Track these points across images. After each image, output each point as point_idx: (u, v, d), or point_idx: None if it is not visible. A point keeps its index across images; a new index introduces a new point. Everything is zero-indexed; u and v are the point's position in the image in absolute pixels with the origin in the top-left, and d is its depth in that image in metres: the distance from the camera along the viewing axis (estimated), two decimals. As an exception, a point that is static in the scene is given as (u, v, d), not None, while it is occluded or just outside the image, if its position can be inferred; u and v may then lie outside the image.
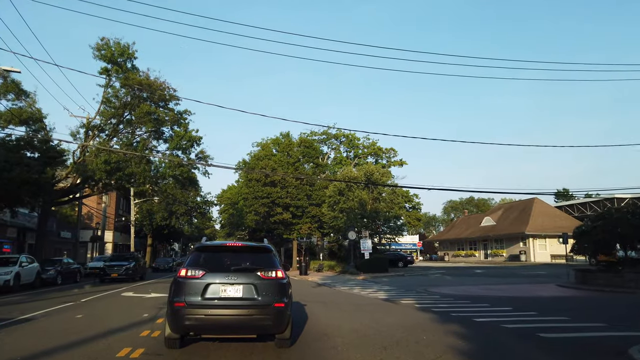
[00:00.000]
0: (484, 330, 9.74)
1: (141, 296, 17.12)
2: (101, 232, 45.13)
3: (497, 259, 54.46)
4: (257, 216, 42.78)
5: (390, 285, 23.75)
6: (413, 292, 20.06)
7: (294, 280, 30.89)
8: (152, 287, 22.43)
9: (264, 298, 6.86)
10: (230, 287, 6.87)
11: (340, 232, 39.82)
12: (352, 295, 18.57)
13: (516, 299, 16.93)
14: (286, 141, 44.59)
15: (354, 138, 58.53)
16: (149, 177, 26.20)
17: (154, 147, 28.18)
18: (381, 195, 37.39)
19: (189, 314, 6.68)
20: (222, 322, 6.82)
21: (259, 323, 6.87)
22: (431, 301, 15.83)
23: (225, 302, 6.78)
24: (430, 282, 25.77)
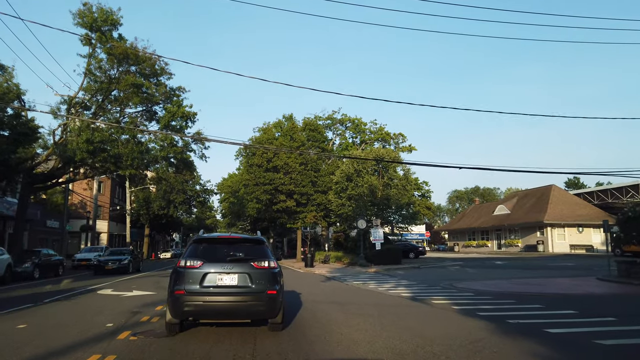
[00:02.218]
0: (575, 350, 6.95)
1: (119, 295, 14.37)
2: (93, 221, 42.43)
3: (511, 249, 51.71)
4: (259, 204, 40.00)
5: (408, 280, 20.99)
6: (438, 287, 17.37)
7: (300, 274, 28.25)
8: (140, 282, 19.71)
9: (258, 286, 7.38)
10: (226, 276, 7.37)
11: (348, 221, 37.03)
12: (369, 293, 15.81)
13: (568, 297, 14.20)
14: (289, 124, 41.68)
15: (361, 123, 55.55)
16: (138, 159, 23.36)
17: (144, 125, 25.28)
18: (392, 180, 34.53)
19: (188, 301, 7.17)
20: (219, 308, 7.32)
21: (253, 309, 7.41)
22: (468, 301, 13.08)
23: (222, 289, 7.27)
24: (452, 276, 23.01)
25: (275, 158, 37.48)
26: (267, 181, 37.39)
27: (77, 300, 13.13)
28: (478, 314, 10.48)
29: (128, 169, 23.72)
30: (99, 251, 33.66)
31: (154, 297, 13.52)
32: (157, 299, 12.86)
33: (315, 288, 17.64)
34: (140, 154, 24.05)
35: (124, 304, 12.03)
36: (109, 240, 55.24)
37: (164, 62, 27.24)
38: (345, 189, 34.99)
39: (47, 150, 25.32)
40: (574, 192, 58.95)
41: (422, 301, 13.13)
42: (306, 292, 15.55)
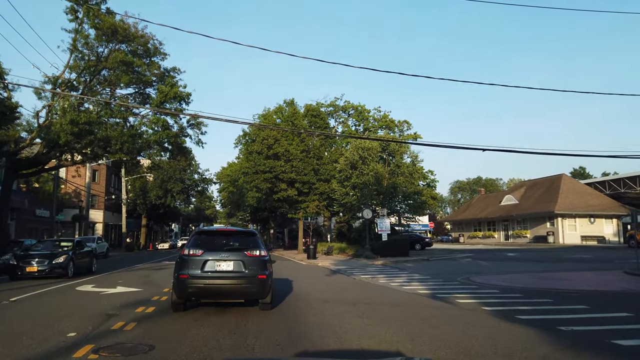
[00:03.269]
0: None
1: (100, 292, 12.67)
2: (86, 210, 40.78)
3: (519, 240, 50.11)
4: (259, 193, 38.31)
5: (420, 274, 19.34)
6: (456, 283, 15.75)
7: (302, 266, 26.60)
8: (128, 276, 18.03)
9: (250, 271, 8.72)
10: (223, 263, 8.70)
11: (352, 211, 35.34)
12: (382, 290, 14.16)
13: (606, 295, 12.73)
14: (291, 110, 39.80)
15: (364, 110, 53.61)
16: (128, 142, 21.59)
17: (135, 107, 23.45)
18: (399, 168, 32.77)
19: (191, 283, 8.53)
20: (217, 290, 8.71)
21: (246, 290, 8.82)
22: (497, 300, 11.46)
23: (219, 274, 8.64)
24: (467, 269, 21.36)
25: (275, 145, 35.71)
26: (268, 169, 35.64)
27: (47, 299, 11.46)
28: (518, 317, 8.83)
29: (118, 154, 21.98)
30: (91, 242, 32.04)
31: (138, 295, 11.86)
32: (141, 298, 11.20)
33: (321, 283, 16.00)
34: (131, 137, 22.28)
35: (101, 303, 10.36)
36: (104, 230, 53.62)
37: (158, 41, 25.42)
38: (349, 177, 33.27)
39: (31, 133, 23.55)
40: (587, 181, 57.23)
41: (444, 300, 11.49)
42: (312, 289, 13.91)
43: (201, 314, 8.94)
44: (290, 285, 15.09)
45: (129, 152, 22.88)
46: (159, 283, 14.83)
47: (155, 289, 13.18)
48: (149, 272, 19.46)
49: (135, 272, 20.03)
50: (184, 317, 8.60)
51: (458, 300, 11.40)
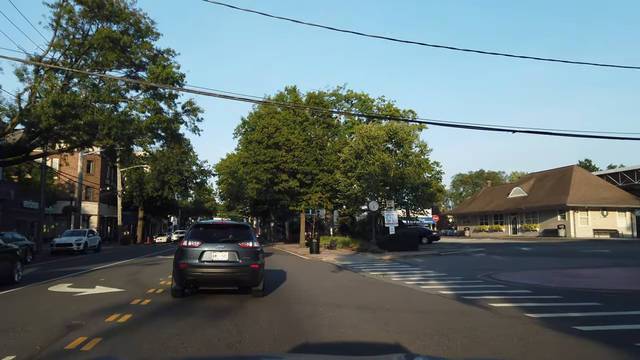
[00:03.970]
0: None
1: (74, 293, 10.90)
2: (77, 202, 39.07)
3: (528, 234, 48.42)
4: (258, 184, 36.56)
5: (435, 270, 17.66)
6: (478, 281, 14.11)
7: (305, 261, 24.89)
8: (114, 273, 16.36)
9: (243, 261, 9.41)
10: (219, 253, 9.40)
11: (357, 203, 33.64)
12: (398, 290, 12.47)
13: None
14: (292, 97, 38.00)
15: (367, 99, 51.81)
16: (117, 128, 19.82)
17: (125, 80, 21.60)
18: (407, 157, 31.02)
19: (190, 272, 9.28)
20: (213, 278, 9.55)
21: (240, 278, 9.57)
22: (536, 303, 9.87)
23: (216, 264, 9.35)
24: (484, 265, 19.71)
25: (276, 134, 33.95)
26: (268, 159, 33.89)
27: (8, 303, 9.75)
28: (576, 329, 7.16)
29: (106, 140, 20.26)
30: (82, 235, 30.40)
31: (117, 297, 10.16)
32: (120, 301, 9.51)
33: (328, 281, 14.30)
34: (120, 123, 20.49)
35: (70, 309, 8.65)
36: (99, 223, 51.98)
37: (150, 20, 23.59)
38: (354, 167, 31.52)
39: (13, 119, 21.78)
40: (599, 173, 55.43)
41: (474, 303, 9.81)
42: (318, 289, 12.21)
43: (185, 327, 7.24)
44: (293, 283, 13.43)
45: (119, 139, 21.12)
46: (146, 282, 13.15)
47: (139, 289, 11.50)
48: (138, 269, 17.79)
49: (124, 268, 18.34)
50: (162, 329, 6.89)
51: (491, 304, 9.71)
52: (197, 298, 10.09)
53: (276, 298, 10.29)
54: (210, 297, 10.22)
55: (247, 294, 10.24)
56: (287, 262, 23.48)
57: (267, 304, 9.58)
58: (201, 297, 10.24)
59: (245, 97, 10.84)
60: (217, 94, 11.23)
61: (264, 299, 10.04)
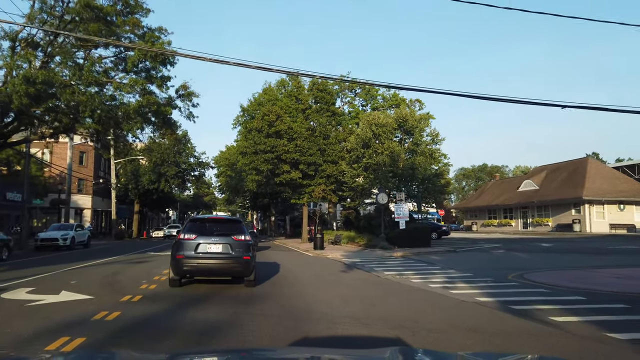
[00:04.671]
0: None
1: (30, 301, 8.76)
2: (67, 194, 37.03)
3: (540, 229, 46.39)
4: (258, 176, 34.47)
5: (456, 270, 15.64)
6: (513, 284, 12.15)
7: (310, 258, 22.79)
8: (92, 273, 14.31)
9: (236, 253, 10.03)
10: (214, 246, 9.98)
11: (363, 196, 31.58)
12: (424, 295, 10.45)
13: None
14: (294, 83, 35.81)
15: (372, 88, 49.52)
16: (102, 110, 17.72)
17: (112, 69, 19.51)
18: (418, 146, 28.90)
19: (186, 263, 9.89)
20: (208, 268, 10.12)
21: (233, 269, 10.23)
22: (604, 315, 8.03)
23: (210, 255, 9.94)
24: (508, 264, 17.71)
25: (278, 122, 31.81)
26: (269, 148, 31.76)
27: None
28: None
29: (88, 124, 18.18)
30: (69, 229, 28.35)
31: (79, 307, 8.11)
32: (80, 314, 7.45)
33: (341, 285, 12.23)
34: (105, 105, 18.38)
35: (12, 325, 6.60)
36: (93, 216, 49.94)
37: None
38: (361, 157, 29.43)
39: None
40: (614, 165, 53.30)
41: (529, 316, 7.84)
42: (332, 295, 10.17)
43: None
44: (299, 288, 11.38)
45: (104, 123, 19.00)
46: (124, 285, 11.13)
47: (112, 295, 9.46)
48: (121, 268, 15.75)
49: (106, 266, 16.31)
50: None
51: (551, 317, 7.70)
52: (180, 313, 8.05)
53: (284, 312, 8.24)
54: (198, 312, 8.19)
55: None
56: (290, 259, 21.47)
57: (273, 319, 7.56)
58: (185, 313, 8.21)
59: (243, 62, 9.48)
60: (207, 58, 9.18)
61: (267, 313, 8.03)
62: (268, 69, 9.47)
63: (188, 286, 11.12)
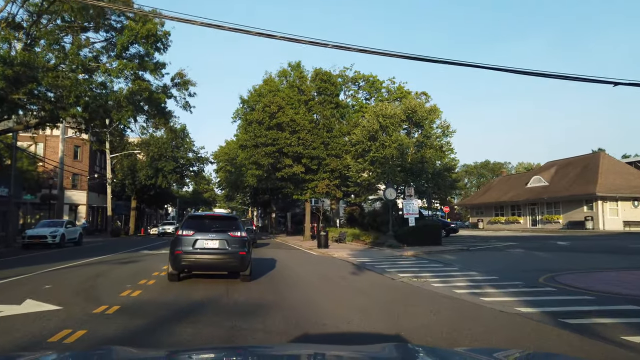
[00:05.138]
0: None
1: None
2: (59, 189, 35.53)
3: (549, 226, 44.87)
4: (259, 170, 32.94)
5: (477, 271, 14.14)
6: (551, 290, 10.69)
7: (314, 258, 21.17)
8: (70, 277, 12.80)
9: (232, 248, 10.41)
10: (211, 241, 10.38)
11: (369, 191, 30.04)
12: (455, 305, 8.91)
13: None
14: (296, 73, 34.22)
15: (376, 81, 47.87)
16: (89, 97, 16.19)
17: (99, 52, 17.94)
18: (428, 138, 27.31)
19: (184, 258, 10.24)
20: (205, 263, 10.51)
21: (229, 264, 10.56)
22: None
23: (207, 251, 10.33)
24: (533, 265, 16.23)
25: (279, 113, 30.25)
26: (270, 141, 30.20)
27: None
28: None
29: (73, 110, 16.63)
30: (58, 225, 26.83)
31: (38, 323, 6.59)
32: (36, 333, 5.93)
33: (353, 291, 10.70)
34: (91, 90, 16.83)
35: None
36: (88, 213, 48.46)
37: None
38: (367, 150, 27.86)
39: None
40: (628, 160, 51.72)
41: (596, 335, 6.36)
42: (346, 305, 8.63)
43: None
44: (306, 292, 9.92)
45: (91, 111, 17.43)
46: (102, 292, 9.60)
47: (85, 305, 7.94)
48: (107, 269, 14.24)
49: (91, 267, 14.80)
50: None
51: (625, 337, 6.18)
52: (163, 331, 6.54)
53: (291, 329, 6.71)
54: (187, 327, 6.68)
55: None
56: (293, 258, 19.97)
57: (278, 338, 6.05)
58: (169, 329, 6.70)
59: (239, 28, 8.28)
60: (198, 22, 7.64)
61: (270, 328, 6.52)
62: (270, 35, 7.93)
63: (179, 292, 9.63)
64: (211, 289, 10.16)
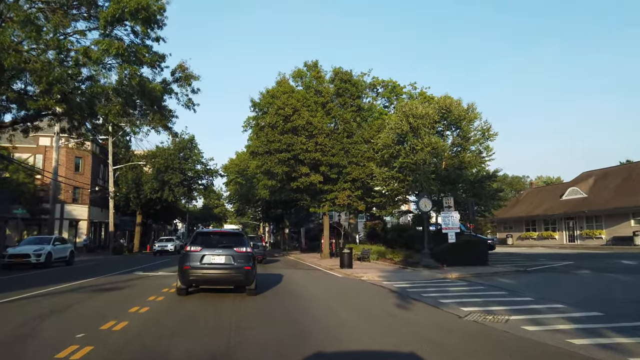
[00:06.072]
0: None
1: None
2: (51, 202, 32.53)
3: (590, 242, 40.73)
4: (272, 181, 29.59)
5: (559, 302, 10.70)
6: None
7: (338, 281, 16.66)
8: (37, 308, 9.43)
9: (238, 263, 10.89)
10: (217, 257, 10.88)
11: (396, 203, 26.47)
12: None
13: None
14: (313, 73, 31.00)
15: (396, 86, 44.60)
16: (64, 83, 13.06)
17: (81, 33, 14.84)
18: (467, 141, 23.75)
19: (192, 273, 10.70)
20: (212, 278, 10.92)
21: (235, 278, 11.03)
22: None
23: (214, 266, 10.81)
24: (626, 292, 12.55)
25: (295, 116, 26.99)
26: (284, 147, 26.85)
27: None
28: None
29: (42, 101, 13.48)
30: (45, 242, 23.64)
31: None
32: None
33: (413, 340, 7.13)
34: (69, 76, 13.68)
35: None
36: (89, 229, 45.40)
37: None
38: (395, 155, 24.41)
39: None
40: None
41: None
42: None
43: None
44: (348, 345, 6.41)
45: (68, 101, 14.23)
46: (33, 349, 6.18)
47: None
48: (74, 300, 10.91)
49: (54, 297, 11.44)
50: None
51: None
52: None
53: None
54: None
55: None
56: (314, 282, 16.44)
57: None
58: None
59: None
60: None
61: None
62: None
63: (160, 344, 6.21)
64: (210, 342, 6.73)
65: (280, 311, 9.73)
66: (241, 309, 9.81)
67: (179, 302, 10.72)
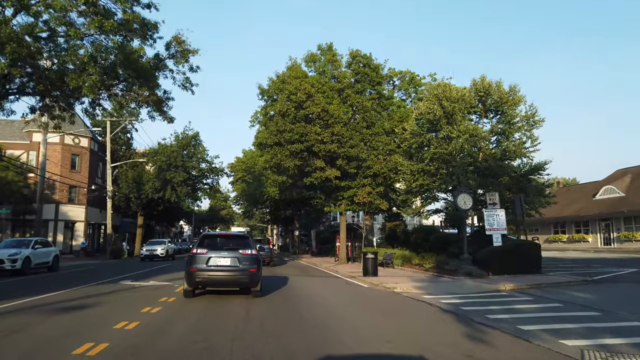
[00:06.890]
0: None
1: None
2: (39, 201, 29.65)
3: (629, 245, 37.20)
4: (282, 176, 26.44)
5: None
6: None
7: (367, 292, 12.02)
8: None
9: (243, 266, 11.05)
10: (223, 259, 11.03)
11: (429, 199, 23.19)
12: None
13: None
14: (328, 57, 27.83)
15: (414, 77, 41.31)
16: (18, 42, 10.06)
17: None
18: (511, 126, 20.43)
19: (198, 275, 10.90)
20: (218, 280, 11.12)
21: (240, 280, 11.18)
22: None
23: (220, 268, 10.97)
24: None
25: (308, 102, 23.83)
26: (297, 137, 23.69)
27: None
28: None
29: (6, 70, 10.50)
30: (23, 246, 20.64)
31: None
32: None
33: None
34: (35, 40, 10.66)
35: None
36: (87, 231, 42.51)
37: None
38: (425, 144, 21.18)
39: None
40: None
41: None
42: None
43: None
44: None
45: (33, 72, 11.18)
46: None
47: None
48: (23, 324, 7.80)
49: (6, 318, 8.34)
50: None
51: None
52: None
53: None
54: None
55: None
56: (337, 294, 13.25)
57: None
58: None
59: None
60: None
61: None
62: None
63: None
64: None
65: (302, 346, 6.54)
66: (247, 346, 6.67)
67: (159, 329, 7.60)
